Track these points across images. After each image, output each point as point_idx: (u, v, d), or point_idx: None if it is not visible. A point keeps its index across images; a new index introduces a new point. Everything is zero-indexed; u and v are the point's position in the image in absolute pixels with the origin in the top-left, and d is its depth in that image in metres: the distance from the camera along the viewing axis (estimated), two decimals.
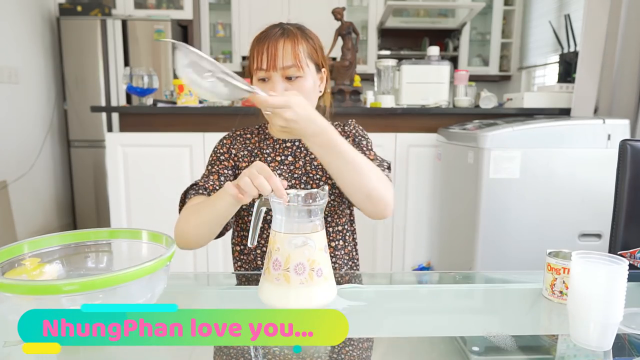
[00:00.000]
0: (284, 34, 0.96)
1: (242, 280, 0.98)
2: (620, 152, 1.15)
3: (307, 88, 0.98)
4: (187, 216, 0.94)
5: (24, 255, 0.71)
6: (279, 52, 0.94)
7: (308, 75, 0.98)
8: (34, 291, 0.56)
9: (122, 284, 0.59)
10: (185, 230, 0.93)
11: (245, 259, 1.07)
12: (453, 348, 0.68)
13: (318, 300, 0.72)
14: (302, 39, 0.97)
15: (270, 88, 0.95)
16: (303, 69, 0.96)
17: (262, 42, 0.95)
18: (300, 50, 0.96)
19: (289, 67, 0.95)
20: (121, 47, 3.60)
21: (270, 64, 0.94)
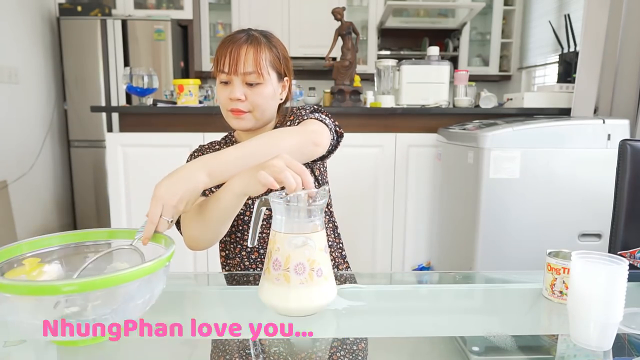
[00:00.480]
0: (248, 40, 0.98)
1: (242, 280, 0.98)
2: (620, 152, 1.15)
3: (266, 95, 1.00)
4: (192, 218, 0.92)
5: (23, 255, 0.70)
6: (241, 58, 0.96)
7: (268, 83, 1.00)
8: (33, 291, 0.56)
9: (121, 284, 0.59)
10: (192, 233, 0.92)
11: (232, 263, 1.08)
12: (453, 348, 0.68)
13: (318, 301, 0.72)
14: (265, 47, 0.99)
15: (231, 92, 0.98)
16: (263, 76, 0.98)
17: (226, 46, 0.98)
18: (263, 58, 0.98)
19: (250, 73, 0.97)
20: (121, 47, 3.60)
21: (232, 68, 0.96)
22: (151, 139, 2.35)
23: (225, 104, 1.01)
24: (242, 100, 0.98)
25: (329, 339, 0.69)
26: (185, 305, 0.83)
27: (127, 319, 0.65)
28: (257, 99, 0.99)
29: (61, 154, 3.74)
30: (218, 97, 1.02)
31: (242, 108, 0.99)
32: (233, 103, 0.99)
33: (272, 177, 0.72)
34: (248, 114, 1.00)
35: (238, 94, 0.98)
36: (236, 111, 1.00)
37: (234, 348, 0.65)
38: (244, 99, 0.98)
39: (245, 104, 0.99)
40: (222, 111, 1.04)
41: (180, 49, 4.04)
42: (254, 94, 0.99)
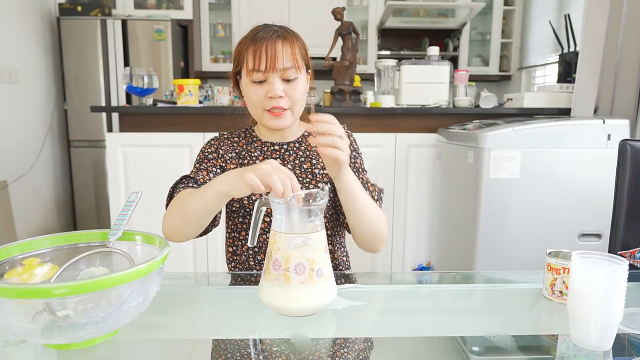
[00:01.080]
0: (281, 36, 0.96)
1: (242, 280, 0.98)
2: (620, 152, 1.15)
3: (302, 89, 0.99)
4: (175, 209, 0.92)
5: (14, 257, 0.69)
6: (278, 54, 0.94)
7: (302, 77, 0.99)
8: (24, 294, 0.55)
9: (114, 287, 0.58)
10: (172, 222, 0.92)
11: (238, 260, 1.07)
12: (453, 348, 0.68)
13: (318, 301, 0.72)
14: (296, 41, 0.99)
15: (271, 90, 0.95)
16: (300, 70, 0.98)
17: (259, 43, 0.95)
18: (297, 51, 0.97)
19: (288, 68, 0.95)
20: (121, 47, 3.60)
21: (270, 66, 0.94)
22: (151, 139, 2.35)
23: (261, 103, 0.98)
24: (282, 97, 0.96)
25: (329, 339, 0.69)
26: (185, 305, 0.83)
27: (121, 322, 0.64)
28: (295, 93, 0.98)
29: (61, 154, 3.74)
30: (249, 97, 1.00)
31: (283, 105, 0.97)
32: (273, 101, 0.96)
33: (259, 180, 0.72)
34: (287, 111, 0.99)
35: (279, 91, 0.95)
36: (277, 110, 0.97)
37: (234, 348, 0.65)
38: (284, 95, 0.96)
39: (285, 101, 0.97)
40: (254, 112, 1.02)
41: (180, 49, 4.04)
42: (292, 89, 0.97)
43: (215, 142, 1.09)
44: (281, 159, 1.06)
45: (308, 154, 1.07)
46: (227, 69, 4.31)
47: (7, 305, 0.57)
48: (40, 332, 0.60)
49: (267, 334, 0.71)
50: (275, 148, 1.07)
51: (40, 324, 0.60)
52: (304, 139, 1.09)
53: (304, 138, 1.10)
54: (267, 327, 0.73)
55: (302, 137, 1.10)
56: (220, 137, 1.10)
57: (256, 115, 1.02)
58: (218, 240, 2.37)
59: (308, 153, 1.07)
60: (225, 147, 1.08)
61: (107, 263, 0.74)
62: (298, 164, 1.05)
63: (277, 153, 1.07)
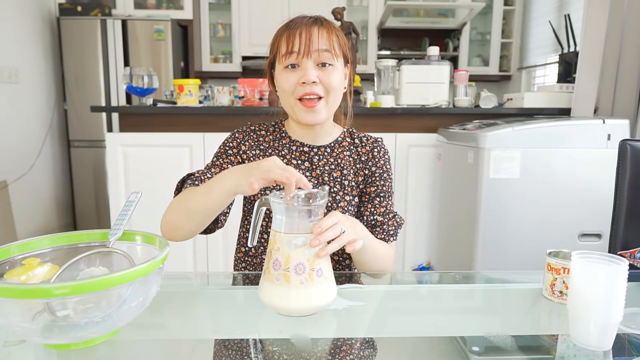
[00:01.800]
0: (318, 22, 0.93)
1: (242, 280, 0.98)
2: (620, 152, 1.15)
3: (337, 79, 0.94)
4: (178, 204, 0.91)
5: (14, 257, 0.69)
6: (313, 37, 0.90)
7: (338, 67, 0.94)
8: (25, 294, 0.55)
9: (114, 287, 0.58)
10: (172, 219, 0.90)
11: (251, 261, 1.06)
12: (453, 348, 0.68)
13: (318, 301, 0.72)
14: (333, 29, 0.95)
15: (304, 75, 0.91)
16: (336, 57, 0.93)
17: (294, 28, 0.91)
18: (334, 39, 0.93)
19: (324, 51, 0.91)
20: (121, 47, 3.60)
21: (305, 49, 0.90)
22: (151, 139, 2.35)
23: (293, 90, 0.93)
24: (316, 82, 0.91)
25: (329, 339, 0.69)
26: (185, 305, 0.83)
27: (121, 322, 0.64)
28: (331, 80, 0.92)
29: (61, 154, 3.74)
30: (281, 85, 0.95)
31: (316, 91, 0.92)
32: (306, 87, 0.91)
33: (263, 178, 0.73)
34: (322, 101, 0.94)
35: (313, 76, 0.90)
36: (309, 98, 0.92)
37: (235, 347, 0.65)
38: (318, 81, 0.91)
39: (319, 87, 0.92)
40: (286, 102, 0.97)
41: (180, 49, 4.04)
42: (328, 76, 0.92)
43: (239, 136, 1.03)
44: (310, 162, 1.02)
45: (339, 162, 1.03)
46: (227, 69, 4.32)
47: (7, 305, 0.57)
48: (40, 332, 0.60)
49: (267, 334, 0.70)
50: (305, 150, 1.02)
51: (40, 324, 0.60)
52: (336, 145, 1.05)
53: (337, 144, 1.05)
54: (267, 327, 0.72)
55: (335, 142, 1.05)
56: (247, 130, 1.04)
57: (288, 105, 0.97)
58: (218, 240, 2.37)
59: (339, 161, 1.03)
60: (250, 143, 1.02)
61: (107, 263, 0.74)
62: (327, 171, 1.02)
63: (306, 156, 1.02)
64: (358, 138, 1.08)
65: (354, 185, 1.03)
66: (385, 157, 1.07)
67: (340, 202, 1.01)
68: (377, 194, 1.04)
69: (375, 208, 1.03)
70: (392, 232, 1.02)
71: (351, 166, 1.04)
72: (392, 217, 1.03)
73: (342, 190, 1.01)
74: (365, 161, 1.05)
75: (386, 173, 1.06)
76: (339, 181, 1.02)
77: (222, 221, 0.99)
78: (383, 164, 1.06)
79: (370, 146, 1.06)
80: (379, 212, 1.03)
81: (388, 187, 1.06)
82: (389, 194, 1.06)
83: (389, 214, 1.03)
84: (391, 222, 1.02)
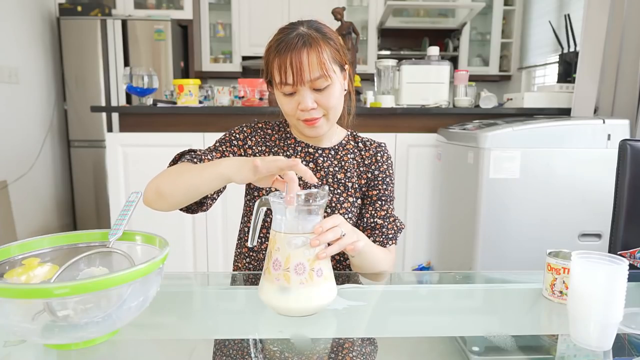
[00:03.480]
0: (306, 43, 0.90)
1: (242, 280, 0.98)
2: (620, 152, 1.15)
3: (336, 95, 0.95)
4: (169, 173, 0.91)
5: (14, 257, 0.69)
6: (304, 66, 0.89)
7: (335, 81, 0.94)
8: (24, 294, 0.55)
9: (114, 287, 0.58)
10: (160, 186, 0.89)
11: (255, 257, 1.06)
12: (453, 348, 0.68)
13: (318, 301, 0.72)
14: (323, 44, 0.91)
15: (301, 103, 0.92)
16: (331, 77, 0.92)
17: (283, 55, 0.89)
18: (325, 57, 0.91)
19: (317, 79, 0.90)
20: (121, 47, 3.60)
21: (297, 79, 0.89)
22: (151, 139, 2.35)
23: (294, 115, 0.95)
24: (314, 108, 0.93)
25: (329, 339, 0.69)
26: (185, 306, 0.83)
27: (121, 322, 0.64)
28: (328, 101, 0.93)
29: (61, 154, 3.74)
30: (282, 107, 0.97)
31: (315, 115, 0.94)
32: (305, 113, 0.93)
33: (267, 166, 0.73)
34: (322, 119, 0.95)
35: (309, 103, 0.91)
36: (310, 120, 0.94)
37: (235, 347, 0.65)
38: (315, 106, 0.93)
39: (317, 110, 0.94)
40: (289, 120, 1.00)
41: (180, 49, 4.04)
42: (325, 98, 0.93)
43: (247, 130, 1.04)
44: (314, 163, 1.03)
45: (343, 164, 1.04)
46: (227, 69, 4.32)
47: (7, 305, 0.57)
48: (40, 332, 0.60)
49: (267, 334, 0.71)
50: (310, 151, 1.03)
51: (40, 324, 0.60)
52: (340, 147, 1.06)
53: (341, 146, 1.06)
54: (267, 327, 0.73)
55: (340, 145, 1.06)
56: (255, 126, 1.05)
57: (292, 123, 1.00)
58: (218, 240, 2.37)
59: (343, 163, 1.04)
60: (257, 139, 1.03)
61: (107, 263, 0.74)
62: (331, 173, 1.03)
63: (311, 157, 1.03)
64: (362, 142, 1.09)
65: (357, 188, 1.04)
66: (388, 162, 1.08)
67: (343, 203, 1.01)
68: (378, 197, 1.05)
69: (376, 211, 1.04)
70: (392, 236, 1.02)
71: (354, 169, 1.05)
72: (393, 221, 1.03)
73: (346, 192, 1.02)
74: (369, 165, 1.06)
75: (388, 177, 1.07)
76: (342, 183, 1.02)
77: (207, 204, 0.99)
78: (386, 168, 1.07)
79: (374, 150, 1.08)
80: (379, 215, 1.03)
81: (390, 191, 1.07)
82: (390, 198, 1.06)
83: (389, 218, 1.04)
84: (391, 225, 1.03)
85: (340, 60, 0.96)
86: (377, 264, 0.96)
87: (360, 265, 0.95)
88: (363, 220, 1.04)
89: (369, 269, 0.96)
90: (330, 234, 0.73)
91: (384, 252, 1.00)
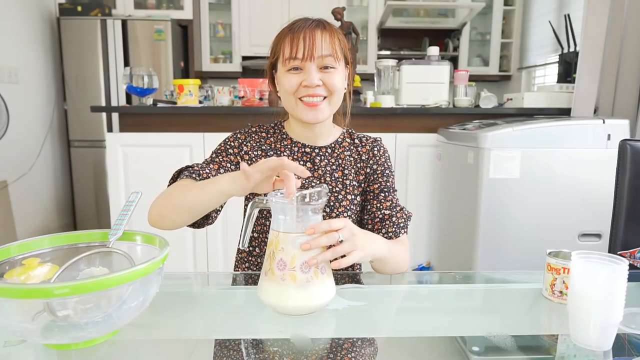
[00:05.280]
0: (320, 25, 0.95)
1: (242, 280, 0.98)
2: (620, 152, 1.15)
3: (339, 81, 0.96)
4: (170, 194, 0.91)
5: (14, 257, 0.69)
6: (317, 42, 0.92)
7: (340, 69, 0.96)
8: (24, 294, 0.55)
9: (114, 287, 0.58)
10: (163, 209, 0.90)
11: (254, 261, 1.05)
12: (453, 348, 0.68)
13: (323, 298, 0.72)
14: (335, 32, 0.96)
15: (307, 78, 0.93)
16: (338, 60, 0.95)
17: (297, 32, 0.93)
18: (336, 42, 0.95)
19: (327, 56, 0.93)
20: (121, 47, 3.60)
21: (307, 54, 0.92)
22: (151, 139, 2.35)
23: (296, 90, 0.95)
24: (319, 85, 0.94)
25: (329, 339, 0.69)
26: (185, 305, 0.83)
27: (121, 322, 0.64)
28: (334, 81, 0.95)
29: (61, 154, 3.74)
30: (283, 86, 0.96)
31: (319, 92, 0.94)
32: (309, 90, 0.94)
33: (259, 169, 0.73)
34: (324, 101, 0.96)
35: (316, 79, 0.93)
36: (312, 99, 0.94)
37: (235, 347, 0.65)
38: (320, 84, 0.94)
39: (322, 89, 0.95)
40: (287, 102, 0.98)
41: (180, 49, 4.04)
42: (330, 77, 0.94)
43: (241, 136, 1.04)
44: (312, 162, 1.03)
45: (340, 162, 1.04)
46: (227, 69, 4.32)
47: (7, 305, 0.57)
48: (40, 332, 0.60)
49: (267, 334, 0.71)
50: (307, 151, 1.03)
51: (40, 324, 0.60)
52: (337, 145, 1.06)
53: (337, 144, 1.06)
54: (267, 327, 0.73)
55: (336, 142, 1.06)
56: (248, 131, 1.05)
57: (289, 105, 0.98)
58: (218, 241, 2.37)
59: (340, 161, 1.04)
60: (252, 144, 1.03)
61: (107, 263, 0.74)
62: (329, 171, 1.02)
63: (308, 157, 1.03)
64: (357, 138, 1.09)
65: (355, 185, 1.03)
66: (385, 155, 1.08)
67: (342, 201, 1.01)
68: (380, 190, 1.04)
69: (380, 203, 1.03)
70: (403, 225, 1.02)
71: (352, 166, 1.05)
72: (400, 210, 1.03)
73: (344, 190, 1.02)
74: (366, 160, 1.06)
75: (388, 170, 1.07)
76: (340, 181, 1.02)
77: (212, 218, 0.99)
78: (384, 161, 1.06)
79: (370, 145, 1.07)
80: (385, 206, 1.02)
81: (392, 183, 1.07)
82: (392, 189, 1.06)
83: (396, 207, 1.03)
84: (400, 214, 1.02)
85: (346, 55, 0.99)
86: (397, 265, 0.96)
87: (382, 268, 0.95)
88: (370, 215, 1.03)
89: (388, 272, 0.97)
90: (324, 238, 0.72)
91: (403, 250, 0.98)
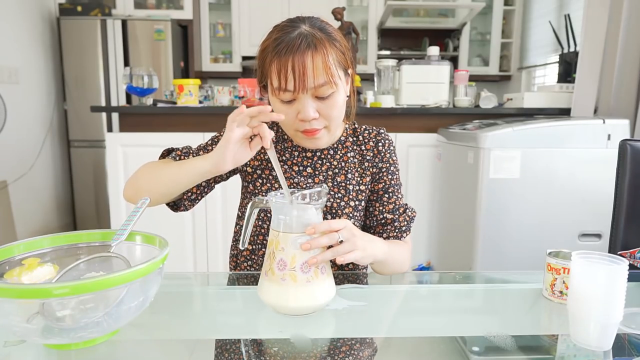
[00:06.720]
0: (310, 45, 0.81)
1: (241, 280, 0.98)
2: (620, 152, 1.15)
3: (340, 104, 0.87)
4: (148, 169, 0.91)
5: (14, 257, 0.69)
6: (308, 71, 0.80)
7: (340, 89, 0.86)
8: (24, 294, 0.55)
9: (114, 287, 0.58)
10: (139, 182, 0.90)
11: (256, 259, 1.04)
12: (453, 348, 0.68)
13: (323, 298, 0.72)
14: (330, 47, 0.83)
15: (302, 112, 0.84)
16: (336, 84, 0.84)
17: (284, 57, 0.80)
18: (331, 62, 0.82)
19: (321, 85, 0.82)
20: (121, 47, 3.60)
21: (299, 86, 0.80)
22: (151, 139, 2.35)
23: (293, 125, 0.87)
24: (316, 118, 0.85)
25: (328, 339, 0.69)
26: (185, 306, 0.83)
27: (121, 322, 0.64)
28: (332, 111, 0.85)
29: (61, 154, 3.74)
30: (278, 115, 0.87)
31: (316, 126, 0.86)
32: (305, 124, 0.85)
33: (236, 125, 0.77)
34: (323, 130, 0.88)
35: (311, 113, 0.83)
36: (310, 132, 0.87)
37: (235, 348, 0.65)
38: (317, 116, 0.85)
39: (319, 121, 0.86)
40: (286, 130, 0.93)
41: (180, 49, 4.04)
42: (328, 107, 0.85)
43: None
44: (312, 167, 0.98)
45: (343, 165, 0.99)
46: (227, 69, 4.32)
47: (7, 305, 0.57)
48: (40, 332, 0.60)
49: (267, 334, 0.71)
50: (308, 155, 0.98)
51: (40, 324, 0.60)
52: (340, 146, 1.00)
53: (340, 144, 1.00)
54: (267, 327, 0.73)
55: (339, 142, 1.00)
56: None
57: (287, 132, 0.93)
58: (218, 240, 2.37)
59: (343, 164, 0.99)
60: None
61: (107, 267, 0.74)
62: (331, 176, 0.97)
63: (310, 161, 0.98)
64: (361, 134, 1.03)
65: (359, 190, 0.99)
66: (390, 149, 1.04)
67: (345, 208, 0.97)
68: (385, 190, 1.01)
69: (383, 206, 1.00)
70: (405, 228, 0.99)
71: (356, 168, 1.00)
72: (403, 212, 0.99)
73: (347, 196, 0.97)
74: (371, 159, 1.01)
75: (393, 166, 1.03)
76: (343, 186, 0.98)
77: (185, 205, 0.97)
78: (389, 157, 1.03)
79: (374, 141, 1.02)
80: (387, 209, 0.99)
81: (396, 179, 1.03)
82: (397, 186, 1.02)
83: (399, 210, 1.00)
84: (402, 217, 0.99)
85: (345, 64, 0.88)
86: (397, 267, 0.95)
87: (381, 270, 0.94)
88: (372, 218, 1.00)
89: (388, 273, 0.96)
90: (324, 238, 0.71)
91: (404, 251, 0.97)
